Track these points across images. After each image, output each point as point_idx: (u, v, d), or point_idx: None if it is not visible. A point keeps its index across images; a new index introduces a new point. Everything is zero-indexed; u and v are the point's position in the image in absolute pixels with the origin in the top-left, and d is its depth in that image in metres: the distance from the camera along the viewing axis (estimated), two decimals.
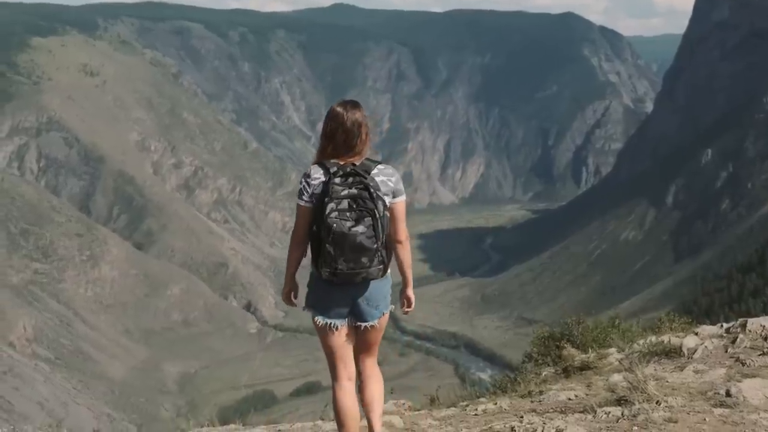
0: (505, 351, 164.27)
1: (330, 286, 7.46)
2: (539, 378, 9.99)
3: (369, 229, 7.24)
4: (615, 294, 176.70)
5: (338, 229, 7.16)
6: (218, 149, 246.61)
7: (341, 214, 7.21)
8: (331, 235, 7.18)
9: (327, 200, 7.24)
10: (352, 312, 7.65)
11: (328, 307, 7.59)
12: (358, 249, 7.22)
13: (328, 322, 7.60)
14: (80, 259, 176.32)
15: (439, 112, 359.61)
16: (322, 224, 7.24)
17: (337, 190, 7.26)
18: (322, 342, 7.78)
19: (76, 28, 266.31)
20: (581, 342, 10.82)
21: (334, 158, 7.54)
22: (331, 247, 7.20)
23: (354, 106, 7.71)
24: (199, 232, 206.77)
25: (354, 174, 7.37)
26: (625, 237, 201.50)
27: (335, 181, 7.30)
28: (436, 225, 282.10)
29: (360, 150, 7.60)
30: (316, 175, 7.48)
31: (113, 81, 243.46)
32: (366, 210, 7.26)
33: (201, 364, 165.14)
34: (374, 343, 7.92)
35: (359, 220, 7.23)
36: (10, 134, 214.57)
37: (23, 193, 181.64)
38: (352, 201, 7.26)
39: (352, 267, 7.27)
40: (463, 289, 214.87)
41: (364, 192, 7.30)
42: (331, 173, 7.38)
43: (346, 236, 7.17)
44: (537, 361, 10.79)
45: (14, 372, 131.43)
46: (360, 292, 7.56)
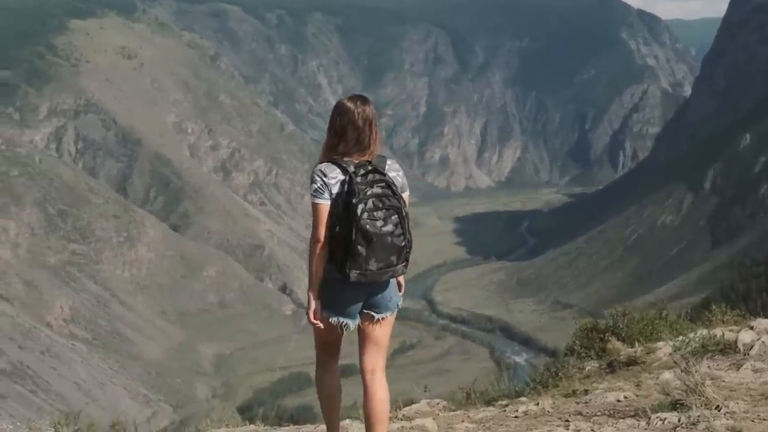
0: (540, 335, 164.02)
1: (345, 286, 7.27)
2: (582, 373, 9.51)
3: (398, 228, 7.12)
4: (651, 279, 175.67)
5: (372, 230, 7.01)
6: (255, 131, 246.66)
7: (370, 215, 7.06)
8: (366, 237, 7.02)
9: (356, 201, 7.05)
10: (365, 306, 7.48)
11: (343, 306, 7.41)
12: (389, 248, 7.10)
13: (342, 321, 7.41)
14: (117, 240, 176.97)
15: (476, 95, 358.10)
16: (354, 226, 7.04)
17: (362, 189, 7.10)
18: (320, 335, 7.60)
19: (114, 11, 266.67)
20: (626, 335, 10.25)
21: (345, 156, 7.35)
22: (363, 248, 7.04)
23: (364, 101, 7.53)
24: (235, 214, 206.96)
25: (374, 172, 7.23)
26: (662, 222, 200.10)
27: (358, 180, 7.13)
28: (473, 208, 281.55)
29: (372, 148, 7.46)
30: (333, 174, 7.26)
31: (151, 63, 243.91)
32: (393, 208, 7.13)
33: (236, 346, 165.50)
34: (383, 340, 7.69)
35: (387, 219, 7.10)
36: (49, 116, 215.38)
37: (61, 175, 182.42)
38: (377, 200, 7.11)
39: (381, 267, 7.14)
40: (498, 273, 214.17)
41: (388, 190, 7.18)
42: (350, 172, 7.19)
43: (379, 237, 7.03)
44: (580, 354, 10.27)
45: (52, 352, 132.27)
46: (375, 289, 7.42)
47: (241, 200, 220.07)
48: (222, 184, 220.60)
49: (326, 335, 7.57)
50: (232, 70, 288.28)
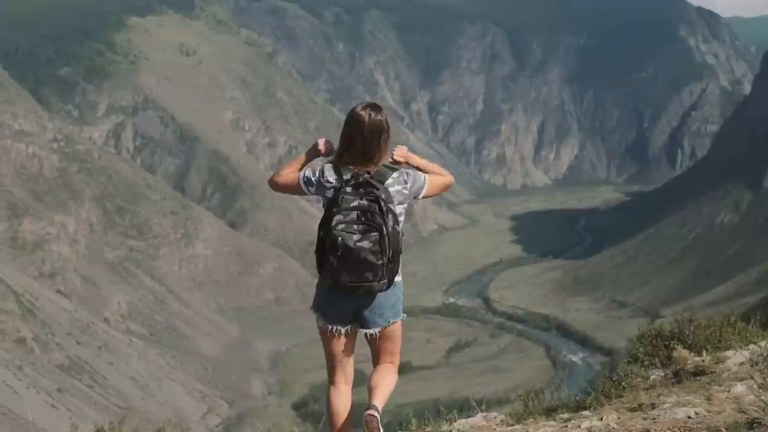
0: (596, 333, 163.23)
1: (334, 292, 7.24)
2: (647, 383, 9.04)
3: (375, 245, 6.95)
4: (709, 278, 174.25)
5: (343, 242, 6.92)
6: (312, 129, 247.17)
7: (348, 227, 6.98)
8: (336, 248, 6.96)
9: (335, 210, 7.04)
10: (356, 319, 7.40)
11: (331, 312, 7.40)
12: (362, 264, 6.95)
13: (330, 327, 7.42)
14: (174, 236, 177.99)
15: (533, 93, 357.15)
16: (327, 235, 7.04)
17: (347, 200, 7.04)
18: (323, 344, 7.60)
19: (172, 8, 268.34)
20: (693, 342, 9.75)
21: (350, 164, 7.29)
22: (334, 259, 6.98)
23: (376, 111, 7.37)
24: (291, 210, 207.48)
25: (367, 184, 7.11)
26: (721, 220, 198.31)
27: (346, 190, 7.08)
28: (529, 206, 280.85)
29: (378, 160, 7.35)
30: (331, 179, 7.28)
31: (209, 60, 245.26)
32: (374, 225, 6.98)
33: (292, 343, 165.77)
34: (386, 353, 7.58)
35: (365, 233, 6.96)
36: (107, 113, 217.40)
37: (119, 171, 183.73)
38: (360, 213, 7.01)
39: (354, 281, 7.02)
40: (555, 271, 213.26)
41: (374, 204, 7.04)
42: (343, 180, 7.18)
43: (350, 250, 6.92)
44: (643, 362, 9.74)
45: (109, 347, 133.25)
46: (364, 301, 7.26)
47: (297, 197, 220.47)
48: None
49: (326, 343, 7.55)
50: (289, 68, 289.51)
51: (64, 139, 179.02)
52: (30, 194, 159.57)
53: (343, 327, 7.37)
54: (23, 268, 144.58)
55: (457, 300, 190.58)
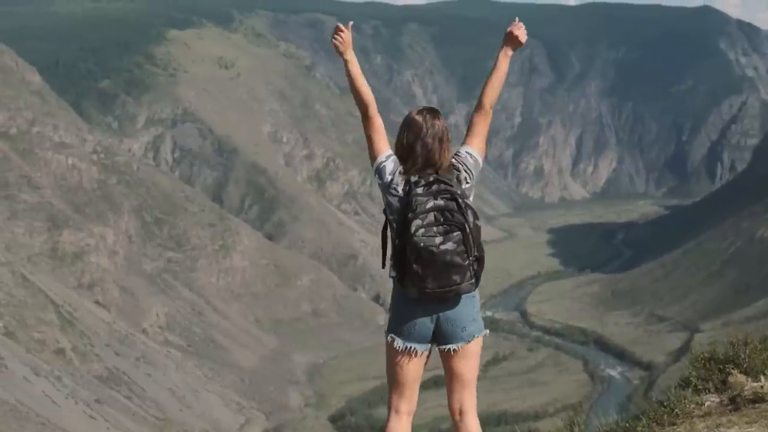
0: (635, 348, 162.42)
1: (414, 306, 6.88)
2: (702, 410, 8.50)
3: (459, 245, 6.59)
4: (749, 293, 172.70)
5: (426, 247, 6.54)
6: (350, 141, 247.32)
7: (427, 230, 6.59)
8: (419, 255, 6.57)
9: (411, 216, 6.62)
10: (435, 336, 7.00)
11: (410, 329, 6.96)
12: (448, 267, 6.58)
13: (409, 347, 6.97)
14: (212, 248, 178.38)
15: (571, 106, 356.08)
16: (408, 242, 6.61)
17: (421, 201, 6.67)
18: (391, 368, 7.12)
19: (212, 21, 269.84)
20: (749, 366, 9.10)
21: (412, 171, 6.98)
22: (418, 266, 6.59)
23: (434, 114, 7.21)
24: (329, 223, 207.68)
25: (438, 182, 6.81)
26: (761, 234, 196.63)
27: (417, 192, 6.73)
28: (567, 219, 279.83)
29: (441, 164, 7.02)
30: (398, 187, 6.95)
31: (247, 73, 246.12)
32: (455, 224, 6.63)
33: (329, 355, 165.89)
34: (465, 374, 7.14)
35: (447, 234, 6.60)
36: (147, 125, 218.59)
37: (158, 183, 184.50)
38: (438, 213, 6.65)
39: (442, 285, 6.64)
40: (593, 285, 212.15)
41: (451, 203, 6.70)
42: (411, 182, 6.84)
43: (435, 255, 6.54)
44: (696, 386, 9.13)
45: (147, 359, 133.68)
46: (446, 313, 6.88)
47: (335, 210, 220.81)
48: (316, 194, 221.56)
49: (396, 367, 7.09)
50: (327, 80, 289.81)
51: (104, 150, 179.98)
52: (69, 206, 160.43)
53: (422, 347, 6.98)
54: (62, 279, 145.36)
55: (494, 313, 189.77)
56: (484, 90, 7.78)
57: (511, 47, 7.98)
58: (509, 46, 7.97)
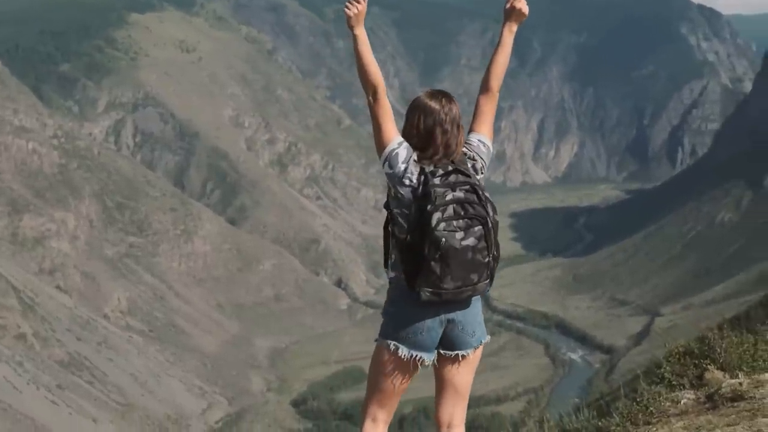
0: (596, 331, 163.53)
1: (422, 309, 6.17)
2: (678, 408, 8.03)
3: (480, 240, 6.03)
4: (709, 277, 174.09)
5: (448, 243, 5.91)
6: (312, 126, 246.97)
7: (448, 224, 5.98)
8: (440, 251, 5.91)
9: (430, 208, 5.97)
10: (441, 341, 6.33)
11: (417, 335, 6.23)
12: (469, 265, 5.99)
13: (415, 355, 6.26)
14: (174, 233, 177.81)
15: (533, 90, 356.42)
16: (426, 238, 5.94)
17: (440, 193, 6.04)
18: (383, 378, 6.39)
19: (173, 5, 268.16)
20: (725, 362, 8.65)
21: (425, 159, 6.32)
22: (437, 264, 5.92)
23: (449, 98, 6.60)
24: (291, 208, 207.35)
25: (457, 172, 6.21)
26: (721, 219, 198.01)
27: (435, 182, 6.09)
28: (529, 204, 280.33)
29: (458, 151, 6.44)
30: (412, 177, 6.24)
31: (209, 57, 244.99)
32: (477, 217, 6.09)
33: (292, 339, 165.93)
34: (463, 385, 6.52)
35: (468, 230, 6.01)
36: (107, 109, 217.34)
37: (119, 168, 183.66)
38: (458, 206, 6.06)
39: (459, 285, 6.02)
40: (555, 269, 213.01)
41: (472, 195, 6.16)
42: (427, 172, 6.15)
43: (457, 252, 5.94)
44: (671, 382, 8.67)
45: (108, 343, 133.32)
46: (456, 315, 6.27)
47: (297, 194, 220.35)
48: (278, 178, 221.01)
49: (390, 377, 6.39)
50: (289, 65, 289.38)
51: (65, 135, 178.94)
52: (30, 190, 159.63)
53: (430, 355, 6.31)
54: (23, 264, 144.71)
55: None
56: (490, 70, 7.54)
57: (516, 21, 7.70)
58: (513, 20, 7.71)
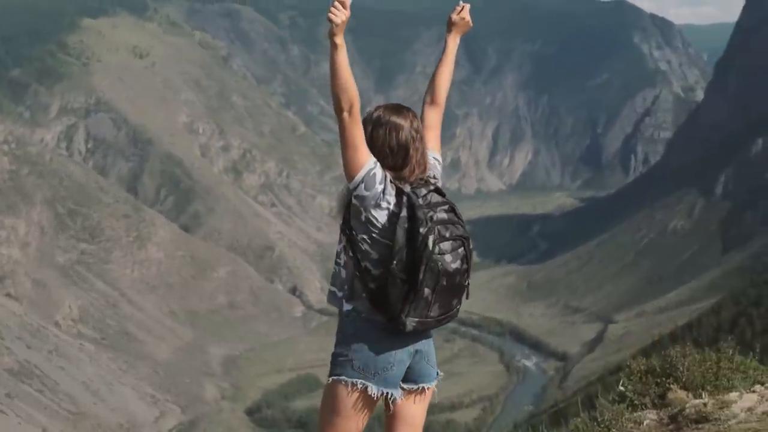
0: (550, 339, 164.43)
1: (390, 341, 5.64)
2: (640, 429, 7.67)
3: (464, 262, 5.59)
4: (662, 284, 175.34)
5: (443, 268, 5.47)
6: (266, 132, 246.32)
7: (440, 248, 5.49)
8: (437, 277, 5.43)
9: (424, 230, 5.44)
10: (405, 374, 5.77)
11: (387, 370, 5.66)
12: (456, 290, 5.59)
13: (386, 393, 5.67)
14: (127, 240, 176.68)
15: (488, 98, 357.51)
16: (422, 263, 5.40)
17: (428, 214, 5.56)
18: (344, 419, 5.70)
19: (126, 10, 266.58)
20: (688, 380, 8.25)
21: (400, 179, 5.74)
22: (431, 291, 5.45)
23: (413, 112, 6.13)
24: (245, 215, 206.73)
25: (434, 191, 5.72)
26: (674, 226, 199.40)
27: (420, 203, 5.57)
28: (484, 211, 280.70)
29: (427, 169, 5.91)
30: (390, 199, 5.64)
31: (162, 63, 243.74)
32: (460, 238, 5.62)
33: (246, 347, 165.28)
34: (418, 419, 5.91)
35: (454, 252, 5.54)
36: (59, 114, 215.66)
37: (71, 174, 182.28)
38: (443, 227, 5.56)
39: (443, 313, 5.59)
40: (509, 276, 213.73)
41: (453, 215, 5.68)
42: (408, 193, 5.61)
43: (451, 276, 5.49)
44: (632, 402, 8.23)
45: (60, 351, 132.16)
46: (422, 345, 5.79)
47: (251, 201, 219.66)
48: (233, 185, 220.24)
49: (353, 419, 5.71)
50: (244, 71, 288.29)
51: (15, 141, 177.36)
52: None
53: (399, 391, 5.76)
54: None
55: None
56: (436, 83, 7.14)
57: (460, 33, 7.12)
58: (458, 31, 7.10)
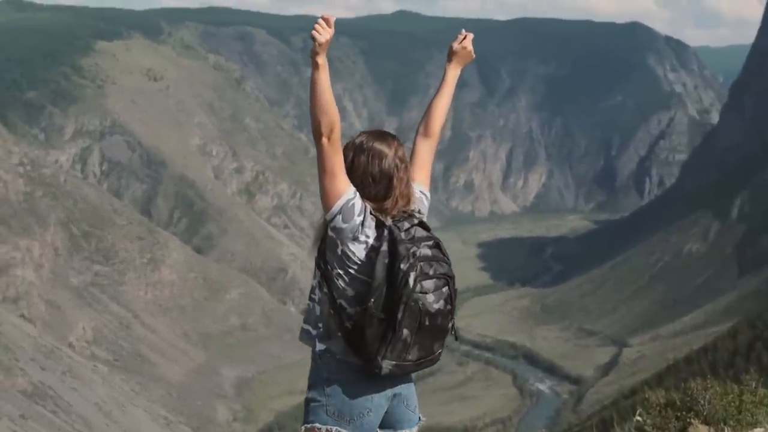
0: (564, 362, 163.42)
1: (366, 385, 5.38)
2: None
3: (448, 303, 5.30)
4: (677, 307, 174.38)
5: (424, 308, 5.16)
6: (279, 154, 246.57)
7: (421, 286, 5.16)
8: (417, 318, 5.14)
9: (405, 266, 5.13)
10: (383, 420, 5.57)
11: (363, 416, 5.41)
12: (437, 333, 5.30)
13: None
14: (140, 261, 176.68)
15: (501, 120, 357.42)
16: (401, 301, 5.10)
17: (410, 250, 5.24)
18: None
19: (140, 33, 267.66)
20: (710, 415, 7.80)
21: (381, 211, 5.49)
22: (410, 332, 5.17)
23: (398, 141, 5.81)
24: (258, 237, 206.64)
25: (417, 225, 5.41)
26: (689, 249, 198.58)
27: (402, 237, 5.27)
28: (497, 234, 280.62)
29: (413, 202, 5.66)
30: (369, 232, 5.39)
31: (176, 85, 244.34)
32: (444, 276, 5.29)
33: (258, 369, 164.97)
34: None
35: (437, 291, 5.22)
36: (74, 137, 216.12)
37: (85, 196, 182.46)
38: (426, 264, 5.23)
39: (422, 356, 5.31)
40: (523, 299, 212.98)
41: (437, 251, 5.34)
42: (389, 226, 5.34)
43: (432, 317, 5.19)
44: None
45: (73, 373, 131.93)
46: (402, 389, 5.58)
47: (264, 223, 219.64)
48: (246, 207, 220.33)
49: None
50: (257, 93, 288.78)
51: (30, 163, 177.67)
52: None
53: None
54: None
55: None
56: (432, 114, 6.62)
57: (462, 63, 6.81)
58: (460, 62, 6.77)
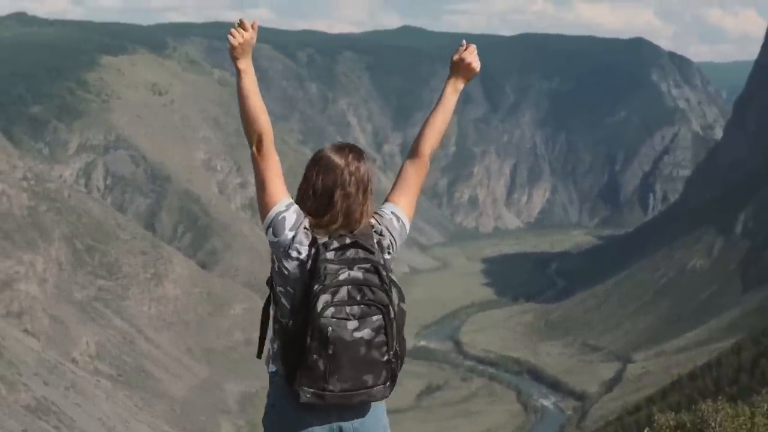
0: (568, 378, 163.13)
1: (306, 414, 5.19)
2: None
3: (379, 334, 4.93)
4: (681, 323, 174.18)
5: (335, 334, 4.85)
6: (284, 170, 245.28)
7: (339, 310, 4.87)
8: (325, 344, 4.86)
9: (317, 288, 4.89)
10: None
11: None
12: (362, 364, 4.92)
13: None
14: (144, 276, 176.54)
15: (505, 136, 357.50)
16: (311, 325, 4.87)
17: (332, 270, 4.95)
18: None
19: (145, 47, 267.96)
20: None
21: (320, 228, 5.33)
22: (322, 360, 4.88)
23: (358, 155, 5.72)
24: (263, 251, 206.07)
25: (356, 246, 5.11)
26: (693, 265, 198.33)
27: (328, 257, 5.02)
28: (501, 249, 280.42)
29: (361, 221, 5.38)
30: (300, 248, 5.26)
31: (181, 100, 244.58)
32: (375, 304, 4.93)
33: (262, 384, 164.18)
34: None
35: (364, 318, 4.89)
36: (78, 151, 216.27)
37: (89, 210, 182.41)
38: (354, 289, 4.93)
39: (347, 388, 4.96)
40: (527, 315, 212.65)
41: (373, 276, 5.00)
42: (320, 243, 5.13)
43: (347, 345, 4.86)
44: None
45: (76, 388, 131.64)
46: (351, 424, 5.24)
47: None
48: (250, 222, 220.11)
49: None
50: None
51: (34, 177, 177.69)
52: None
53: None
54: None
55: (428, 343, 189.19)
56: (424, 133, 6.47)
57: (464, 78, 6.52)
58: (461, 77, 6.51)
